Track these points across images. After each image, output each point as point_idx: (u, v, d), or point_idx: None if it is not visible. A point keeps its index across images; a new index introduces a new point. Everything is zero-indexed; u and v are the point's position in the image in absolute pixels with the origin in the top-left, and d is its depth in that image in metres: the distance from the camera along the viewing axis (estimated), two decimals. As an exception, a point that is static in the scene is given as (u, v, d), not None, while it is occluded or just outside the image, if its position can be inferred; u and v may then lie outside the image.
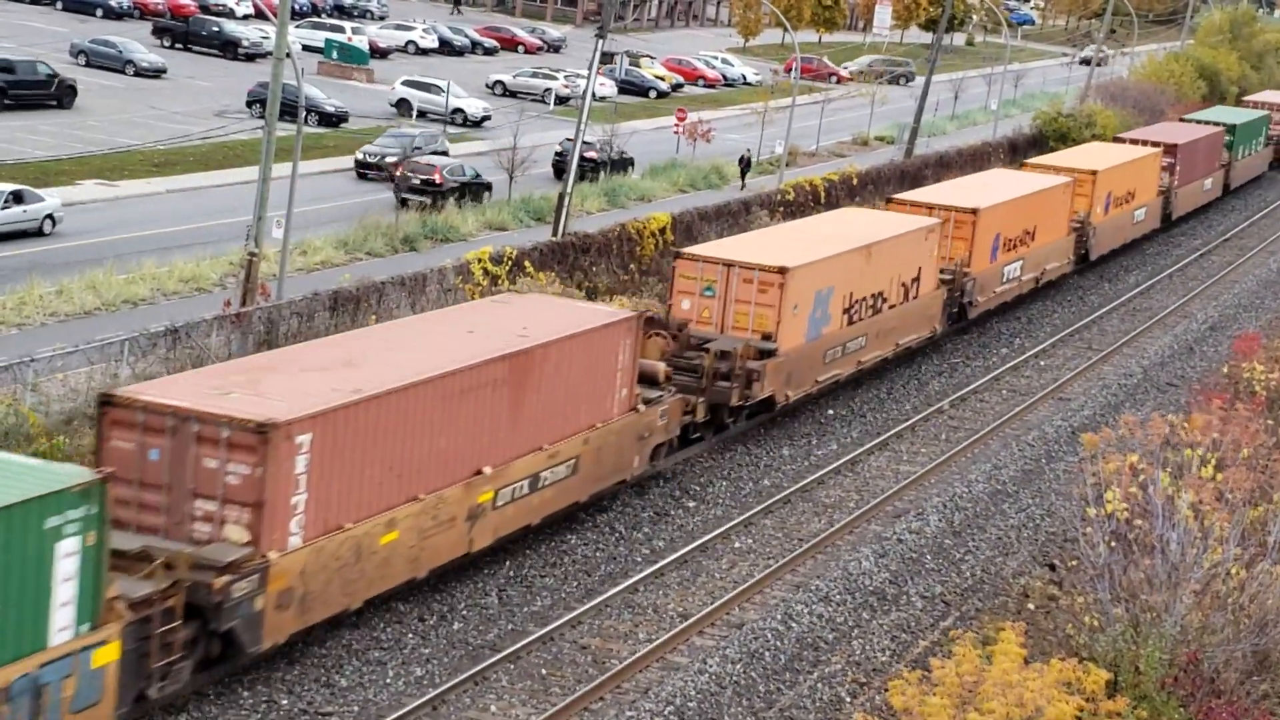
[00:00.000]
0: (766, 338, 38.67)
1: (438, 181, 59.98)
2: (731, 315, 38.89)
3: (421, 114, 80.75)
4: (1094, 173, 61.30)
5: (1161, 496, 27.14)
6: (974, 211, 50.13)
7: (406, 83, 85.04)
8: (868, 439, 40.90)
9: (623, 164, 72.30)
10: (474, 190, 61.79)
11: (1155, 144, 71.91)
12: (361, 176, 64.44)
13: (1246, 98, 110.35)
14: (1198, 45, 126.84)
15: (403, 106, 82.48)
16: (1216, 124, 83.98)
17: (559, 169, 64.62)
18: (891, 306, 44.71)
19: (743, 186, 71.48)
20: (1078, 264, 61.42)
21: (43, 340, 36.65)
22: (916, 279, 46.17)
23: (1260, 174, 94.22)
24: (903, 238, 45.48)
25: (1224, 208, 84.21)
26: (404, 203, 58.35)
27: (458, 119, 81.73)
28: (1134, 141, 72.87)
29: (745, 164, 74.75)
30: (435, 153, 65.53)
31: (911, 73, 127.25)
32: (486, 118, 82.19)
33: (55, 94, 70.77)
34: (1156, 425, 30.65)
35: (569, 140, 62.26)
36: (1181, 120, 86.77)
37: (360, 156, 65.69)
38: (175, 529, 24.07)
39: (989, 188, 55.05)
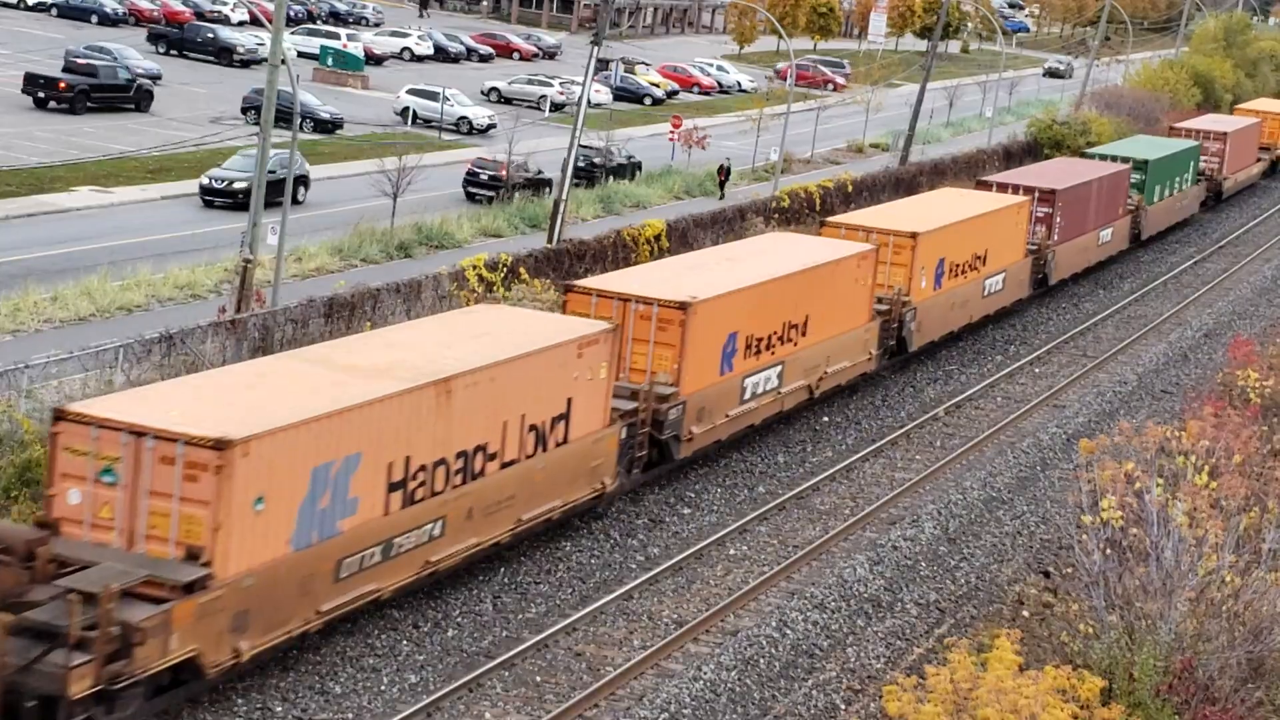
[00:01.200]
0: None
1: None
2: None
3: (426, 122, 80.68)
4: (914, 235, 46.41)
5: (1156, 504, 27.14)
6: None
7: (411, 91, 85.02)
8: (863, 446, 40.89)
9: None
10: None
11: (1029, 189, 57.87)
12: (208, 204, 57.20)
13: (1239, 106, 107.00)
14: (1192, 53, 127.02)
15: (406, 115, 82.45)
16: (1125, 159, 69.27)
17: (469, 190, 64.49)
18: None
19: (721, 197, 70.37)
20: (889, 358, 46.70)
21: (37, 347, 36.61)
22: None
23: (1187, 217, 78.96)
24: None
25: (1130, 264, 68.26)
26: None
27: (462, 127, 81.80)
28: (1002, 187, 58.73)
29: (724, 174, 72.76)
30: (298, 177, 55.76)
31: (847, 74, 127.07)
32: (492, 125, 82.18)
33: (134, 97, 74.98)
34: (1151, 433, 30.67)
35: (482, 159, 65.36)
36: (1082, 155, 73.49)
37: (206, 181, 57.69)
38: None
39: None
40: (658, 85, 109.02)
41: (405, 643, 27.53)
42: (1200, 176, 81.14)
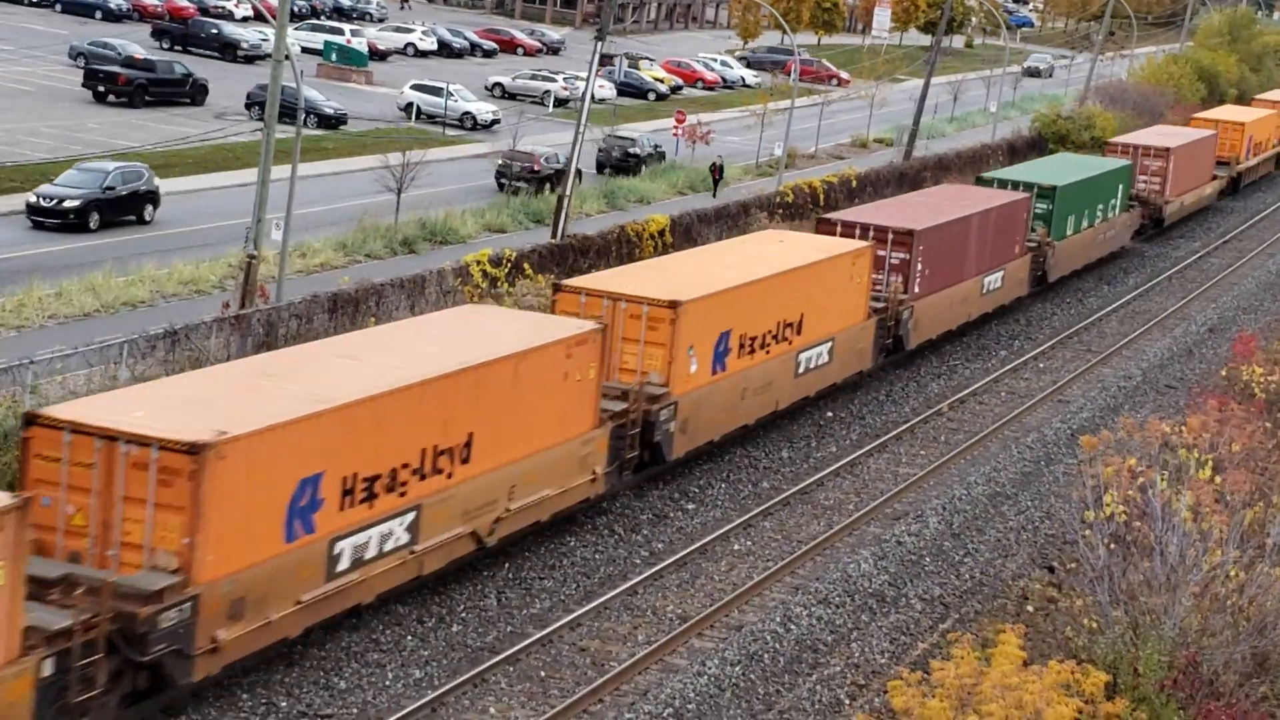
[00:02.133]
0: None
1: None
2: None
3: (431, 118, 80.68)
4: (674, 305, 34.27)
5: (1160, 499, 27.15)
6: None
7: (415, 87, 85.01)
8: (867, 441, 40.89)
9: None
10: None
11: (880, 231, 45.27)
12: (38, 225, 50.87)
13: (1196, 116, 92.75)
14: (1197, 47, 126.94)
15: (410, 110, 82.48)
16: (1028, 185, 56.87)
17: (501, 181, 65.84)
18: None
19: (714, 196, 69.74)
20: (633, 473, 35.15)
21: (42, 343, 36.65)
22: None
23: (1115, 250, 66.85)
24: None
25: (1026, 316, 56.25)
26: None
27: (466, 122, 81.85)
28: (848, 227, 45.54)
29: (718, 172, 71.93)
30: (142, 194, 53.48)
31: (810, 63, 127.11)
32: (496, 121, 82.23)
33: (189, 91, 77.31)
34: (1155, 427, 30.68)
35: (514, 151, 66.85)
36: (979, 181, 59.70)
37: (34, 199, 51.31)
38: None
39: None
40: (662, 80, 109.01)
41: (410, 638, 27.55)
42: (1134, 201, 69.57)
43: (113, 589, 22.18)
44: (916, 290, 46.08)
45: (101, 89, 75.22)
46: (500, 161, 66.33)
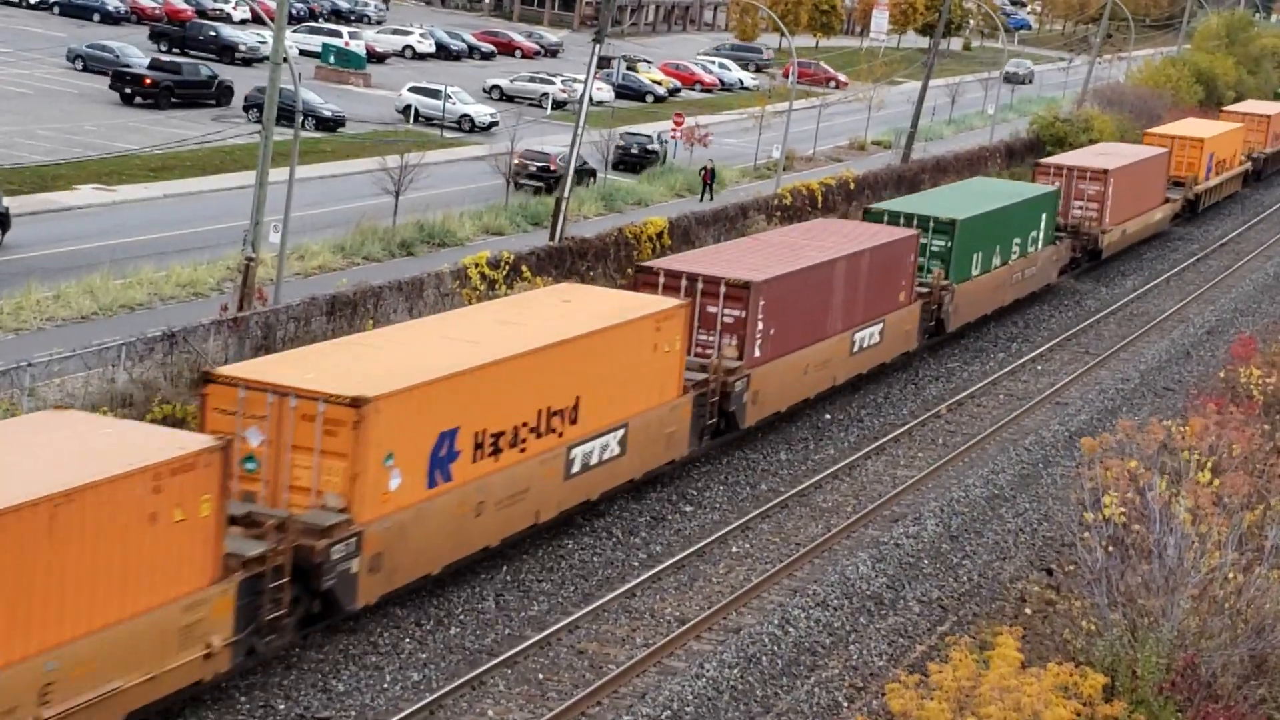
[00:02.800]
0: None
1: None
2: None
3: (429, 120, 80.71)
4: (357, 403, 26.14)
5: (1159, 501, 27.14)
6: None
7: (413, 89, 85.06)
8: (865, 443, 40.89)
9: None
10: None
11: (710, 283, 37.73)
12: None
13: (1149, 131, 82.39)
14: (1195, 50, 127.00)
15: (409, 113, 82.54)
16: (923, 218, 49.19)
17: (519, 181, 66.20)
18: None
19: (702, 199, 67.88)
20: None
21: (40, 345, 36.62)
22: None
23: (1042, 287, 58.91)
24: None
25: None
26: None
27: (464, 124, 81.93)
28: (671, 279, 37.93)
29: (709, 176, 70.38)
30: None
31: (768, 61, 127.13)
32: (494, 123, 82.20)
33: (215, 93, 78.34)
34: (1154, 430, 30.67)
35: (531, 151, 68.08)
36: (867, 214, 50.59)
37: None
38: None
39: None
40: (660, 83, 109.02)
41: (408, 640, 27.54)
42: (1063, 232, 61.88)
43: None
44: (757, 354, 38.32)
45: (128, 91, 76.08)
46: (516, 161, 66.30)
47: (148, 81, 76.39)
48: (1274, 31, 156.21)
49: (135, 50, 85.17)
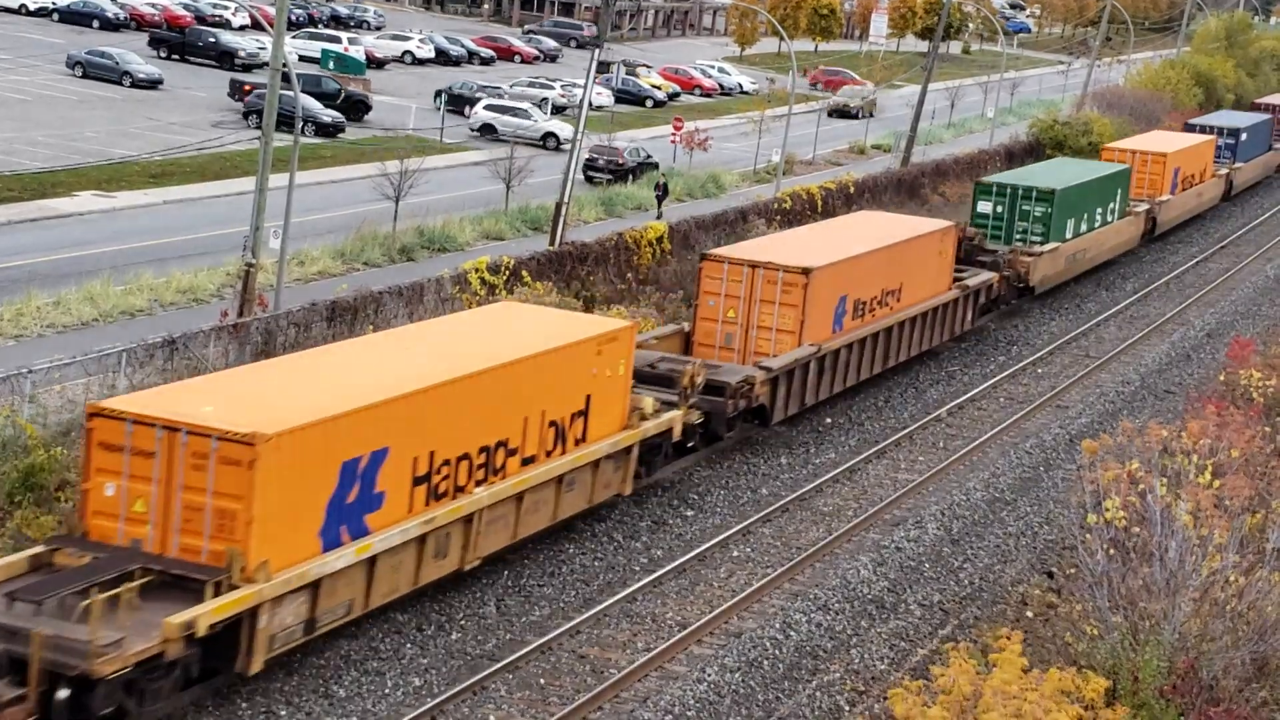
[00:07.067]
0: None
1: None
2: None
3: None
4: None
5: (1160, 504, 27.14)
6: None
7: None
8: (866, 447, 40.88)
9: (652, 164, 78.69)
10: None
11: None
12: None
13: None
14: (1194, 52, 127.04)
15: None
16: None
17: (589, 174, 71.57)
18: None
19: (659, 215, 64.46)
20: None
21: (40, 352, 36.65)
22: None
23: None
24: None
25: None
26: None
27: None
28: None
29: (662, 190, 67.30)
30: None
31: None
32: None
33: (343, 108, 79.48)
34: (1154, 432, 30.66)
35: (600, 146, 73.26)
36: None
37: None
38: None
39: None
40: (659, 87, 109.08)
41: (409, 646, 27.54)
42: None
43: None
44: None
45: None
46: (588, 156, 70.56)
47: (247, 89, 77.73)
48: (1273, 34, 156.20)
49: (135, 57, 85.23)
